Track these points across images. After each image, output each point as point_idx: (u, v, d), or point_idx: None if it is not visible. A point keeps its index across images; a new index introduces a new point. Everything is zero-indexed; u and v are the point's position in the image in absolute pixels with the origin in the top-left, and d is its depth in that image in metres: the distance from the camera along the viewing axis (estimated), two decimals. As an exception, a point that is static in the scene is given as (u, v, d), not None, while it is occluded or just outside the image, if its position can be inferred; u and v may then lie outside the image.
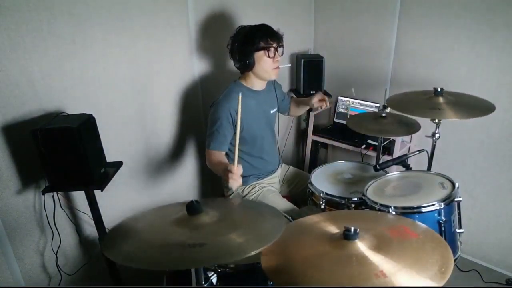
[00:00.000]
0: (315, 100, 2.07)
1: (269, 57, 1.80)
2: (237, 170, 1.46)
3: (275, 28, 1.84)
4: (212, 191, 2.41)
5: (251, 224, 1.11)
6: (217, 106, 1.81)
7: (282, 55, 1.88)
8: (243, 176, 1.98)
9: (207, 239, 0.97)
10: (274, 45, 1.81)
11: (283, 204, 1.94)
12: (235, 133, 1.73)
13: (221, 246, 0.96)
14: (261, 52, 1.79)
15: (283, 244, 1.08)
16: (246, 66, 1.82)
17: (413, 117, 1.90)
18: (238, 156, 1.51)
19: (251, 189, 2.01)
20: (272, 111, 2.04)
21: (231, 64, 1.89)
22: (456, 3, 2.10)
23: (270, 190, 2.01)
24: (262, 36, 1.78)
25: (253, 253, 0.91)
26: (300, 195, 2.10)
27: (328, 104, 2.09)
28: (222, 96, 1.84)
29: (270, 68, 1.83)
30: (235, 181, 1.46)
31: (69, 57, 1.54)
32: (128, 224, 1.15)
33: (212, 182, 2.39)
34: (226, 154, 1.87)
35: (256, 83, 1.91)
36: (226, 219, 1.10)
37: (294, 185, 2.17)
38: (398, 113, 1.83)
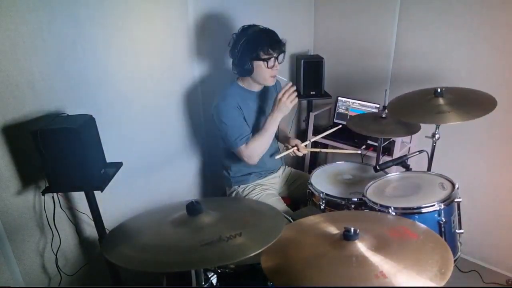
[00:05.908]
0: (295, 142, 1.95)
1: (267, 67, 1.77)
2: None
3: (278, 33, 1.80)
4: (213, 191, 2.41)
5: (251, 225, 1.10)
6: (220, 107, 1.81)
7: (282, 62, 1.85)
8: (243, 175, 2.01)
9: (207, 240, 0.97)
10: (275, 54, 1.76)
11: (283, 208, 1.93)
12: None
13: (222, 248, 0.95)
14: (260, 62, 1.76)
15: (283, 245, 1.08)
16: (243, 72, 1.81)
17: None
18: None
19: (252, 190, 2.00)
20: None
21: (230, 64, 1.89)
22: (456, 3, 2.09)
23: (270, 194, 2.01)
24: (264, 46, 1.73)
25: (253, 254, 0.91)
26: (300, 196, 2.09)
27: (299, 153, 1.96)
28: (220, 97, 1.83)
29: (268, 76, 1.81)
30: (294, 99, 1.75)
31: (69, 57, 1.54)
32: (127, 226, 1.15)
33: (213, 182, 2.39)
34: None
35: (253, 85, 1.91)
36: (226, 220, 1.10)
37: (295, 186, 2.17)
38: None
